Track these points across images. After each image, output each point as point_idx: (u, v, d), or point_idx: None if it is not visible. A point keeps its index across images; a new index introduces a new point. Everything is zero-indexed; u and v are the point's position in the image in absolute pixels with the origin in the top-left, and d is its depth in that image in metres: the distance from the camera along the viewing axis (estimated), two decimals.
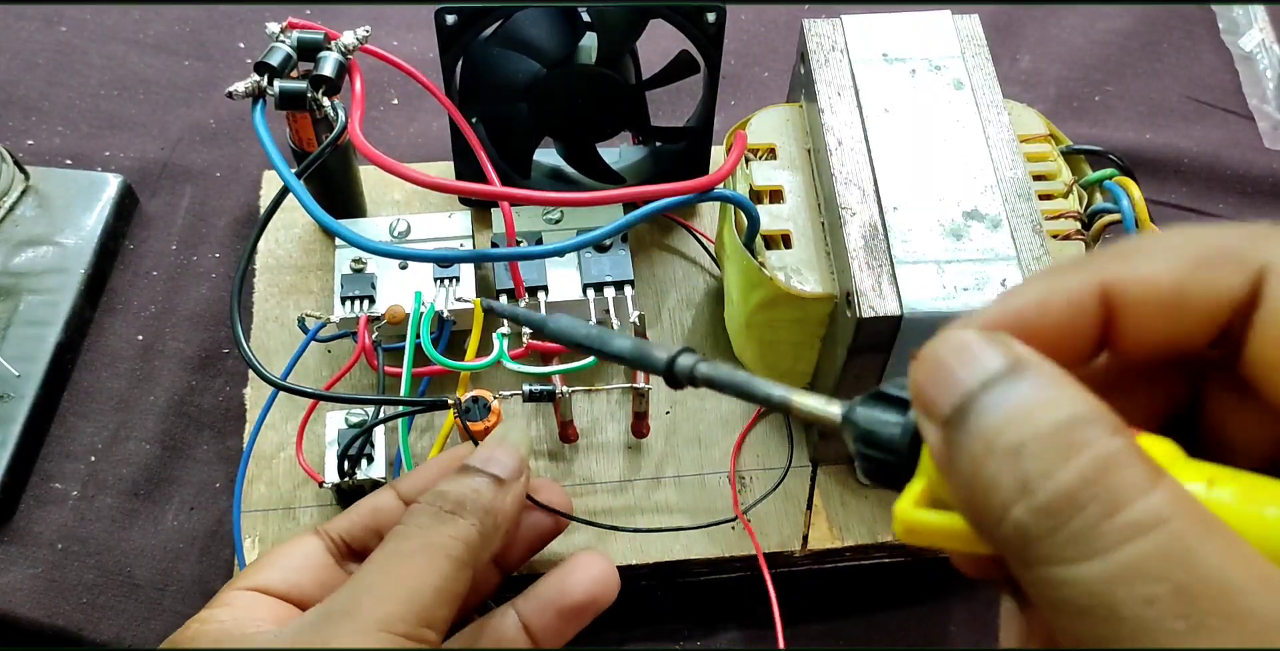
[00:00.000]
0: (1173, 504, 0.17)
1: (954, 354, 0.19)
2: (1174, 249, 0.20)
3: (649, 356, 0.27)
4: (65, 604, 0.50)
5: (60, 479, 0.53)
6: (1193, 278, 0.20)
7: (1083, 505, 0.17)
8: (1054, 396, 0.18)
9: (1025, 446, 0.18)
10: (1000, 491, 0.18)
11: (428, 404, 0.47)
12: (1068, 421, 0.18)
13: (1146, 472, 0.17)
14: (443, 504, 0.35)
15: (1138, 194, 0.44)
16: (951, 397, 0.19)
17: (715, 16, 0.50)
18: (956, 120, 0.46)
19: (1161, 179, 0.67)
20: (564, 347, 0.51)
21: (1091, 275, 0.21)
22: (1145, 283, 0.20)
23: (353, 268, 0.52)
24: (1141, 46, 0.74)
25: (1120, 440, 0.18)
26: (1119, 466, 0.17)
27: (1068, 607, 0.17)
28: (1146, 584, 0.16)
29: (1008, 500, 0.18)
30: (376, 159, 0.42)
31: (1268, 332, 0.19)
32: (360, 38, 0.47)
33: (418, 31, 0.71)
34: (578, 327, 0.30)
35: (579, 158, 0.56)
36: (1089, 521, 0.17)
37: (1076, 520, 0.17)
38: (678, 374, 0.27)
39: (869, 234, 0.43)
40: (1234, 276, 0.20)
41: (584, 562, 0.38)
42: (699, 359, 0.27)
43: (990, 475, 0.18)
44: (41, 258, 0.59)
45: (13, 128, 0.66)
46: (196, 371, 0.57)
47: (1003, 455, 0.18)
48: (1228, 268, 0.20)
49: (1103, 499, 0.17)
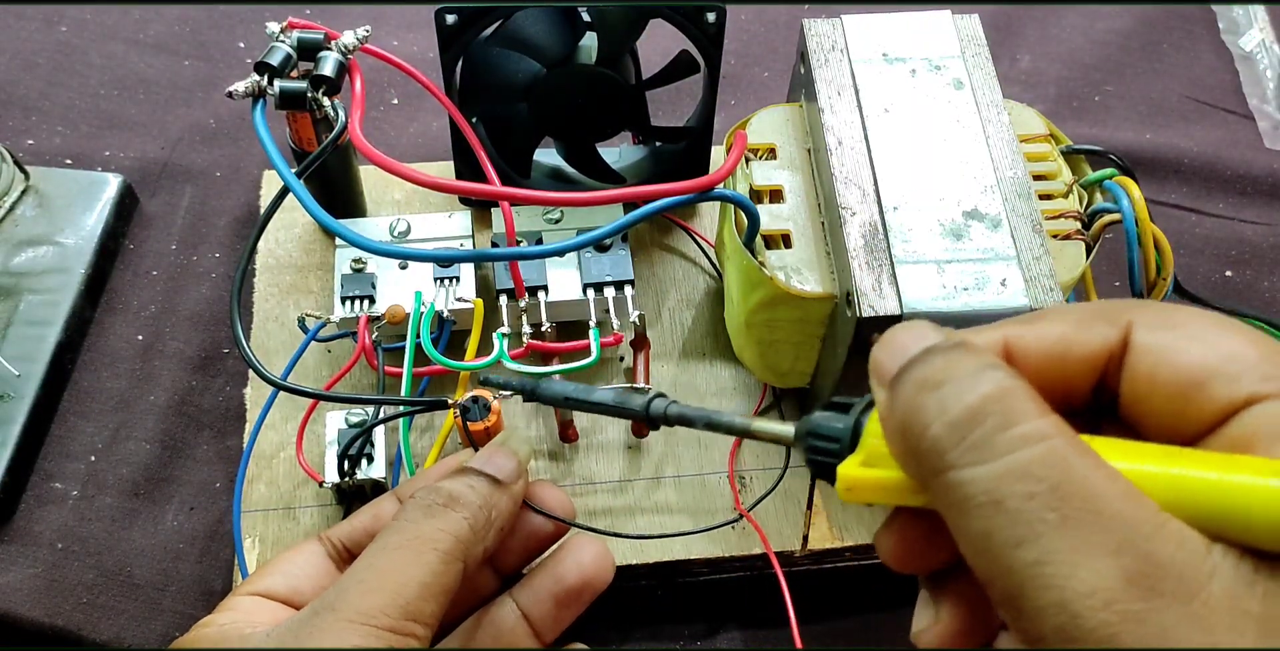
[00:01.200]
0: (1056, 427, 0.22)
1: (906, 331, 0.25)
2: (1062, 313, 0.26)
3: (629, 403, 0.33)
4: (65, 604, 0.50)
5: (60, 479, 0.53)
6: (1075, 332, 0.25)
7: (983, 420, 0.22)
8: (974, 356, 0.23)
9: (946, 380, 0.23)
10: (925, 413, 0.22)
11: (427, 404, 0.46)
12: (982, 365, 0.23)
13: (1038, 405, 0.22)
14: (435, 498, 0.35)
15: (1138, 194, 0.44)
16: (899, 361, 0.24)
17: (715, 16, 0.50)
18: (956, 120, 0.46)
19: (1161, 179, 0.67)
20: (563, 344, 0.51)
21: (997, 332, 0.26)
22: (1038, 336, 0.25)
23: (353, 267, 0.52)
24: (1141, 46, 0.74)
25: (1019, 382, 0.22)
26: (1017, 396, 0.22)
27: (967, 504, 0.21)
28: (1028, 482, 0.21)
29: (929, 419, 0.22)
30: (376, 159, 0.42)
31: (1137, 369, 0.24)
32: (360, 38, 0.47)
33: (418, 31, 0.71)
34: (564, 387, 0.36)
35: (579, 158, 0.56)
36: (988, 432, 0.21)
37: (978, 431, 0.21)
38: (653, 415, 0.33)
39: (869, 234, 0.43)
40: (1108, 329, 0.25)
41: (577, 546, 0.39)
42: (670, 401, 0.33)
43: (918, 404, 0.23)
44: (41, 258, 0.59)
45: (13, 128, 0.66)
46: (196, 371, 0.57)
47: (929, 388, 0.23)
48: (1101, 323, 0.25)
49: (1001, 415, 0.22)
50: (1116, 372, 0.25)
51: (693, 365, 0.55)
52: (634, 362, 0.52)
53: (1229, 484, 0.21)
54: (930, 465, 0.22)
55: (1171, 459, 0.22)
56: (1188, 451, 0.23)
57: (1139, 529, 0.20)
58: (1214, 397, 0.23)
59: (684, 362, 0.55)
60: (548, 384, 0.36)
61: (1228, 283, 0.63)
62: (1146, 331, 0.24)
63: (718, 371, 0.54)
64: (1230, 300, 0.60)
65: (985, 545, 0.21)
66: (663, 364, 0.54)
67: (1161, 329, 0.24)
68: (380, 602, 0.31)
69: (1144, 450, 0.23)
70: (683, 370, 0.54)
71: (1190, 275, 0.63)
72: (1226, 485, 0.21)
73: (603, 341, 0.51)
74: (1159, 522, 0.21)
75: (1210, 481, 0.21)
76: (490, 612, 0.37)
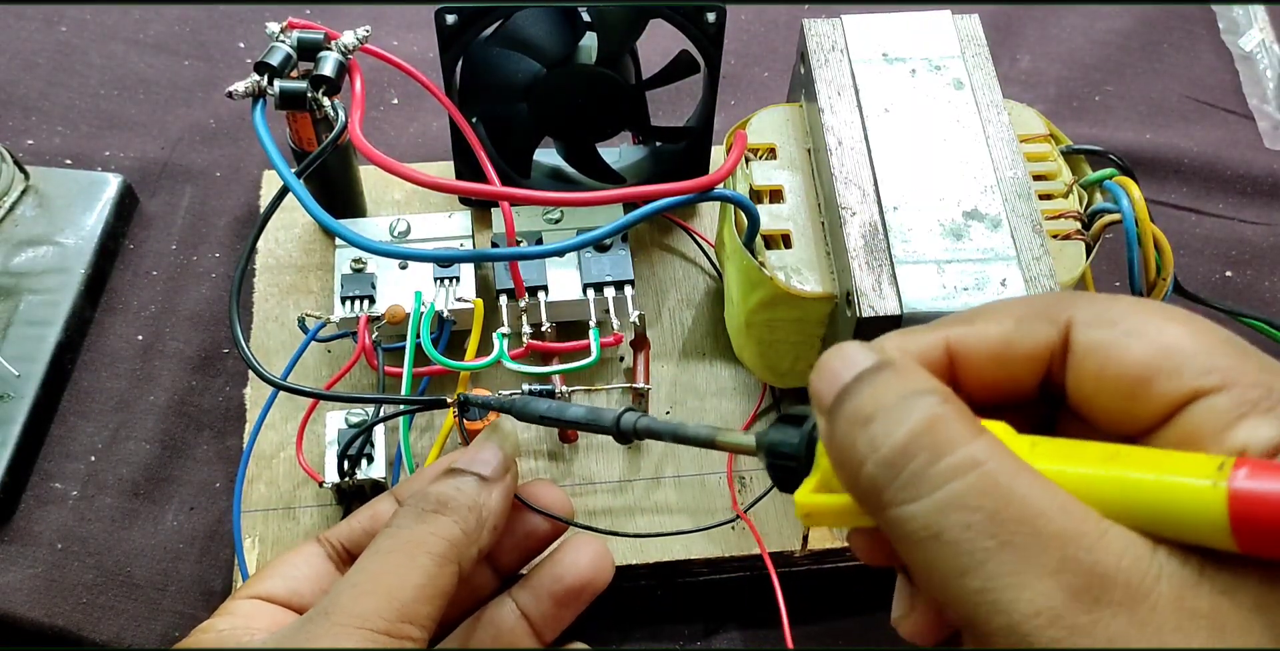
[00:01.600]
0: (987, 451, 0.21)
1: (837, 358, 0.25)
2: (1001, 311, 0.26)
3: (599, 419, 0.35)
4: (65, 604, 0.50)
5: (60, 479, 0.53)
6: (1015, 331, 0.25)
7: (913, 455, 0.21)
8: (902, 380, 0.23)
9: (874, 416, 0.22)
10: (857, 452, 0.22)
11: (427, 403, 0.46)
12: (908, 394, 0.22)
13: (967, 428, 0.22)
14: (425, 504, 0.35)
15: (1138, 194, 0.44)
16: (833, 389, 0.24)
17: (715, 16, 0.50)
18: (956, 120, 0.46)
19: (1161, 179, 0.67)
20: (563, 344, 0.51)
21: (939, 334, 0.26)
22: (979, 337, 0.25)
23: (353, 267, 0.52)
24: (1141, 46, 0.74)
25: (948, 406, 0.22)
26: (945, 423, 0.22)
27: (909, 539, 0.21)
28: (964, 513, 0.21)
29: (862, 458, 0.22)
30: (376, 159, 0.42)
31: (1080, 370, 0.24)
32: (360, 38, 0.47)
33: (418, 31, 0.71)
34: (539, 405, 0.37)
35: (579, 158, 0.56)
36: (919, 468, 0.21)
37: (909, 468, 0.21)
38: (623, 429, 0.34)
39: (869, 234, 0.43)
40: (1047, 329, 0.25)
41: (577, 546, 0.39)
42: (639, 415, 0.34)
43: (851, 441, 0.23)
44: (41, 258, 0.59)
45: (13, 128, 0.66)
46: (196, 371, 0.57)
47: (860, 425, 0.23)
48: (1040, 323, 0.25)
49: (929, 450, 0.21)
50: (1061, 370, 0.25)
51: (693, 365, 0.55)
52: (634, 363, 0.52)
53: (1168, 484, 0.21)
54: (871, 502, 0.23)
55: (1109, 460, 0.22)
56: (1128, 450, 0.23)
57: (1080, 542, 0.20)
58: (1157, 395, 0.23)
59: (684, 362, 0.55)
60: (523, 401, 0.38)
61: (1228, 283, 0.63)
62: (1086, 329, 0.24)
63: (718, 371, 0.54)
64: (1230, 300, 0.60)
65: (932, 576, 0.21)
66: (663, 364, 0.54)
67: (1101, 326, 0.24)
68: (375, 606, 0.31)
69: (1084, 451, 0.23)
70: (683, 370, 0.54)
71: (1190, 275, 0.63)
72: (1165, 485, 0.21)
73: (603, 341, 0.51)
74: (1099, 532, 0.21)
75: (1149, 482, 0.21)
76: (489, 612, 0.37)
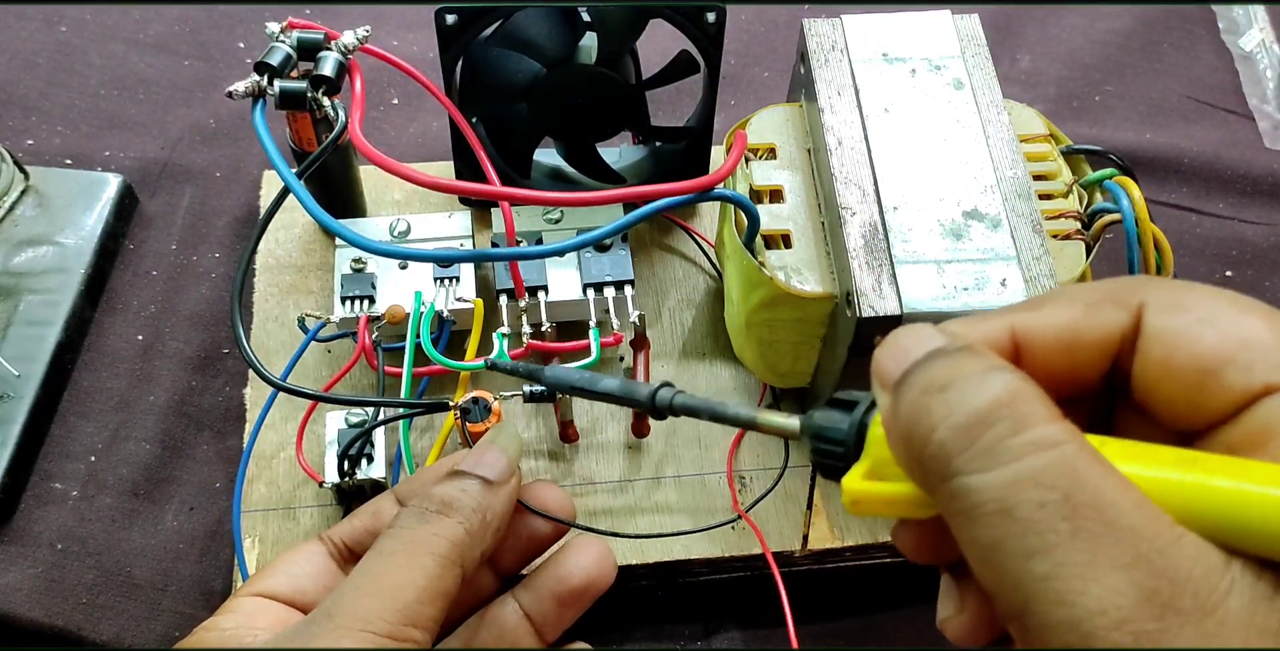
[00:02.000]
0: (1067, 433, 0.21)
1: (909, 335, 0.24)
2: (1069, 297, 0.25)
3: (634, 392, 0.32)
4: (65, 604, 0.50)
5: (60, 479, 0.53)
6: (1085, 317, 0.24)
7: (993, 424, 0.21)
8: (981, 359, 0.22)
9: (952, 383, 0.22)
10: (930, 416, 0.22)
11: (428, 406, 0.47)
12: (990, 367, 0.22)
13: (1050, 409, 0.21)
14: (429, 504, 0.35)
15: (1138, 194, 0.44)
16: (903, 365, 0.23)
17: (715, 16, 0.50)
18: (956, 120, 0.46)
19: (1161, 179, 0.67)
20: (563, 344, 0.51)
21: (1003, 321, 0.25)
22: (1046, 324, 0.24)
23: (353, 267, 0.52)
24: (1141, 46, 0.74)
25: (1031, 384, 0.22)
26: (1027, 399, 0.21)
27: (974, 512, 0.20)
28: (1040, 490, 0.20)
29: (935, 422, 0.21)
30: (376, 159, 0.42)
31: (1149, 355, 0.23)
32: (360, 38, 0.47)
33: (418, 31, 0.71)
34: (570, 374, 0.35)
35: (579, 158, 0.56)
36: (998, 436, 0.21)
37: (987, 435, 0.21)
38: (659, 405, 0.31)
39: (869, 234, 0.43)
40: (1118, 313, 0.24)
41: (580, 548, 0.38)
42: (676, 391, 0.32)
43: (923, 407, 0.22)
44: (41, 258, 0.59)
45: (13, 128, 0.66)
46: (196, 371, 0.57)
47: (935, 392, 0.22)
48: (1112, 307, 0.24)
49: (1011, 420, 0.21)
50: (1129, 357, 0.24)
51: (693, 365, 0.55)
52: (634, 362, 0.52)
53: (1248, 494, 0.20)
54: (937, 471, 0.21)
55: (1186, 465, 0.21)
56: (1204, 456, 0.22)
57: (1154, 542, 0.20)
58: (1229, 387, 0.22)
59: (684, 362, 0.55)
60: (554, 370, 0.35)
61: (1228, 283, 0.63)
62: (1158, 314, 0.23)
63: (718, 371, 0.54)
64: None
65: (994, 556, 0.20)
66: (663, 364, 0.54)
67: (1174, 311, 0.23)
68: (377, 607, 0.31)
69: (1157, 454, 0.22)
70: (683, 370, 0.54)
71: (1190, 275, 0.63)
72: (1245, 495, 0.20)
73: (603, 341, 0.51)
74: (1174, 536, 0.20)
75: (1228, 490, 0.20)
76: (492, 612, 0.37)
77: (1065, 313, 0.24)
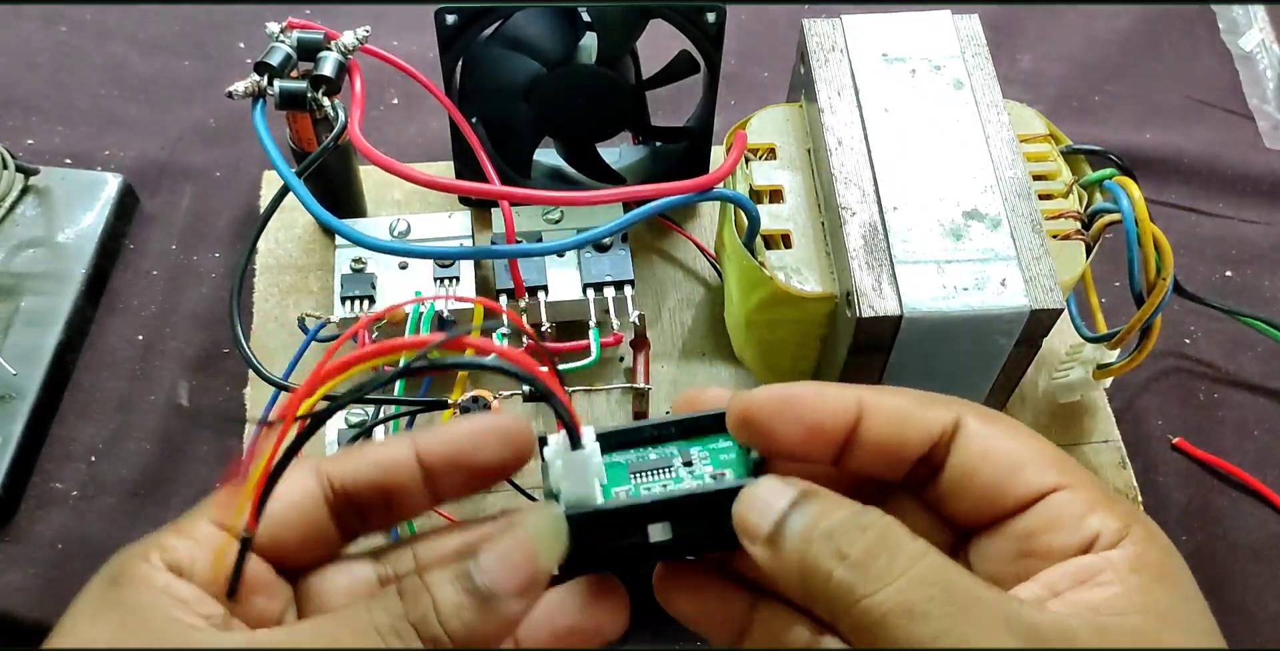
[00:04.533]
0: (925, 546, 0.26)
1: (765, 491, 0.28)
2: (906, 392, 0.30)
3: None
4: (65, 604, 0.49)
5: (60, 479, 0.53)
6: (916, 407, 0.29)
7: (879, 554, 0.26)
8: (835, 503, 0.27)
9: (833, 531, 0.26)
10: (825, 563, 0.26)
11: (427, 404, 0.46)
12: (854, 512, 0.27)
13: (907, 531, 0.27)
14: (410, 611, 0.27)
15: (1138, 194, 0.44)
16: (771, 519, 0.27)
17: (715, 16, 0.50)
18: (956, 120, 0.46)
19: (1161, 179, 0.67)
20: (563, 344, 0.51)
21: (854, 393, 0.29)
22: (887, 403, 0.29)
23: (353, 267, 0.52)
24: (1141, 46, 0.74)
25: (890, 518, 0.27)
26: (891, 525, 0.26)
27: (885, 619, 0.25)
28: (927, 587, 0.25)
29: (831, 566, 0.26)
30: (376, 159, 0.42)
31: (969, 449, 0.28)
32: (360, 38, 0.47)
33: (418, 31, 0.71)
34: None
35: (579, 158, 0.56)
36: (886, 561, 0.26)
37: (878, 563, 0.26)
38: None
39: (869, 234, 0.43)
40: (943, 412, 0.29)
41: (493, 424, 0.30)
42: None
43: (815, 554, 0.26)
44: (41, 258, 0.59)
45: (13, 127, 0.66)
46: (196, 371, 0.57)
47: (820, 541, 0.26)
48: (938, 407, 0.29)
49: (889, 546, 0.26)
50: (944, 448, 0.29)
51: (693, 365, 0.55)
52: (634, 363, 0.52)
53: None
54: (841, 599, 0.26)
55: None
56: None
57: (1010, 605, 0.25)
58: (1028, 482, 0.28)
59: (684, 362, 0.55)
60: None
61: (1228, 282, 0.63)
62: (976, 419, 0.29)
63: (718, 371, 0.54)
64: (1230, 300, 0.60)
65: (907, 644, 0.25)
66: (663, 364, 0.54)
67: (988, 420, 0.29)
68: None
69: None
70: (683, 370, 0.54)
71: (1190, 275, 0.63)
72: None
73: (603, 341, 0.51)
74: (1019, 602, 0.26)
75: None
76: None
77: (902, 400, 0.29)
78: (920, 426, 0.29)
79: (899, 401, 0.29)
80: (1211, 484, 0.57)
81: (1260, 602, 0.54)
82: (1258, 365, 0.60)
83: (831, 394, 0.29)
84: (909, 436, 0.29)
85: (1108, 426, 0.53)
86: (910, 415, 0.29)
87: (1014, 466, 0.28)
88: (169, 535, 0.30)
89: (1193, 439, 0.57)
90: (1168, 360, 0.60)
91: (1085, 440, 0.53)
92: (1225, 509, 0.56)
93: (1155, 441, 0.57)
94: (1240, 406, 0.59)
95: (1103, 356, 0.49)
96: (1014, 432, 0.29)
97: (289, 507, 0.30)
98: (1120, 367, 0.48)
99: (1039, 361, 0.50)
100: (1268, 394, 0.59)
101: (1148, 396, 0.59)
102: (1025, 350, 0.44)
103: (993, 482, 0.28)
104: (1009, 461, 0.28)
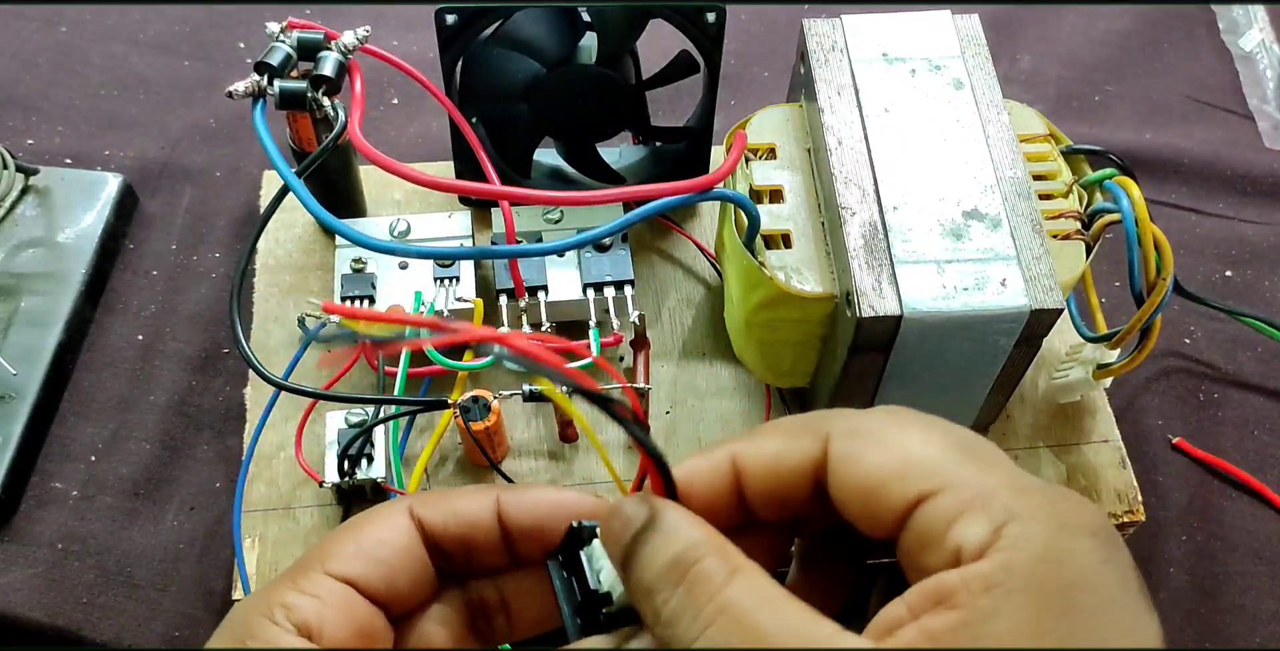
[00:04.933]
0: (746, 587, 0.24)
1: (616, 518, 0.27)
2: (779, 427, 0.28)
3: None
4: (65, 604, 0.50)
5: (60, 479, 0.53)
6: (785, 446, 0.27)
7: (684, 611, 0.24)
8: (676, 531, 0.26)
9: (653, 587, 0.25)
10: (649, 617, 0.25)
11: (427, 404, 0.46)
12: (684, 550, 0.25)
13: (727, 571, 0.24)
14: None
15: (1138, 194, 0.44)
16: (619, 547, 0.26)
17: (715, 16, 0.50)
18: (956, 120, 0.46)
19: (1161, 179, 0.67)
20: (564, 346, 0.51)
21: (725, 451, 0.28)
22: (758, 452, 0.27)
23: (353, 267, 0.52)
24: (1141, 46, 0.74)
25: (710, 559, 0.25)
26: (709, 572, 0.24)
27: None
28: (727, 637, 0.23)
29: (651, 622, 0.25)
30: (376, 159, 0.42)
31: (835, 477, 0.26)
32: (360, 38, 0.47)
33: (418, 31, 0.71)
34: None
35: (579, 158, 0.56)
36: (689, 620, 0.24)
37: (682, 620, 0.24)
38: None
39: (869, 234, 0.43)
40: (810, 443, 0.26)
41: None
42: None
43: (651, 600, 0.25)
44: (41, 258, 0.59)
45: (13, 128, 0.66)
46: (196, 371, 0.57)
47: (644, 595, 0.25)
48: (807, 437, 0.27)
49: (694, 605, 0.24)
50: (824, 480, 0.26)
51: (693, 365, 0.55)
52: (634, 363, 0.52)
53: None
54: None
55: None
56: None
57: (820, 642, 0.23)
58: (889, 499, 0.25)
59: (684, 362, 0.55)
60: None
61: (1228, 282, 0.63)
62: (839, 441, 0.26)
63: (718, 371, 0.54)
64: (1230, 300, 0.60)
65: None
66: (663, 364, 0.54)
67: (851, 437, 0.26)
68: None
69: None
70: (683, 370, 0.54)
71: (1190, 275, 0.63)
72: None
73: (603, 341, 0.51)
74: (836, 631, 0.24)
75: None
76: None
77: (773, 442, 0.27)
78: (793, 467, 0.27)
79: (770, 445, 0.27)
80: (1211, 484, 0.57)
81: (1259, 602, 0.54)
82: (1258, 365, 0.60)
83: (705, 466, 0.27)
84: (787, 481, 0.27)
85: (1108, 426, 0.53)
86: (780, 458, 0.27)
87: (879, 483, 0.25)
88: (288, 592, 0.28)
89: (1193, 439, 0.57)
90: (1168, 360, 0.60)
91: (1085, 440, 0.53)
92: (1225, 509, 0.56)
93: (1155, 441, 0.57)
94: (1240, 406, 0.59)
95: (1103, 356, 0.49)
96: (880, 442, 0.26)
97: (397, 552, 0.28)
98: (1120, 367, 0.48)
99: (1039, 361, 0.50)
100: (1268, 394, 0.59)
101: (1148, 396, 0.59)
102: (1025, 350, 0.44)
103: (863, 507, 0.25)
104: (873, 479, 0.25)
